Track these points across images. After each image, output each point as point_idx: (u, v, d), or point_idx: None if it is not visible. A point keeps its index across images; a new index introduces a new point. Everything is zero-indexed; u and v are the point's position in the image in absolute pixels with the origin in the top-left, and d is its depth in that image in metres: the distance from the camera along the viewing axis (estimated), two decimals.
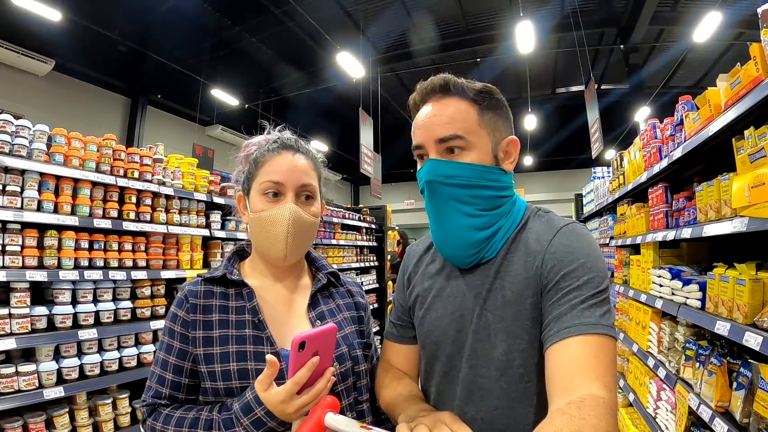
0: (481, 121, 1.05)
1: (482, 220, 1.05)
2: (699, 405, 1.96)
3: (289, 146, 1.23)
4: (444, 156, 1.05)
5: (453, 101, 1.05)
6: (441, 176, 1.03)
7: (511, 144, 1.10)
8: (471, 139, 1.03)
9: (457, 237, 1.06)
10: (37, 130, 2.83)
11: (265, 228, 1.16)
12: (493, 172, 1.06)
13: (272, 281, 1.25)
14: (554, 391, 0.84)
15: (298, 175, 1.19)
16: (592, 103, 8.43)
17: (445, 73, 1.08)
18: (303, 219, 1.17)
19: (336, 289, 1.34)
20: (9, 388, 2.45)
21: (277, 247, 1.16)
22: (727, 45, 10.82)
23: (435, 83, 1.07)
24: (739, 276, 1.77)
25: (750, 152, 1.67)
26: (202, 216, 3.88)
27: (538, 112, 13.28)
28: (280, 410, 0.98)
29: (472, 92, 1.06)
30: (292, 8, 9.06)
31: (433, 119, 1.05)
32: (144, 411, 1.13)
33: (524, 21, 7.49)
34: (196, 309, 1.15)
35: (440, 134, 1.03)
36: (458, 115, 1.04)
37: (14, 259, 2.59)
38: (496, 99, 1.09)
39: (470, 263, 1.07)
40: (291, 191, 1.17)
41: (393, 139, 15.69)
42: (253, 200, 1.21)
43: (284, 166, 1.19)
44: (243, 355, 1.11)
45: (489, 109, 1.07)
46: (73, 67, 9.27)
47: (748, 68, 1.69)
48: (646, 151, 3.00)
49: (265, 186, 1.18)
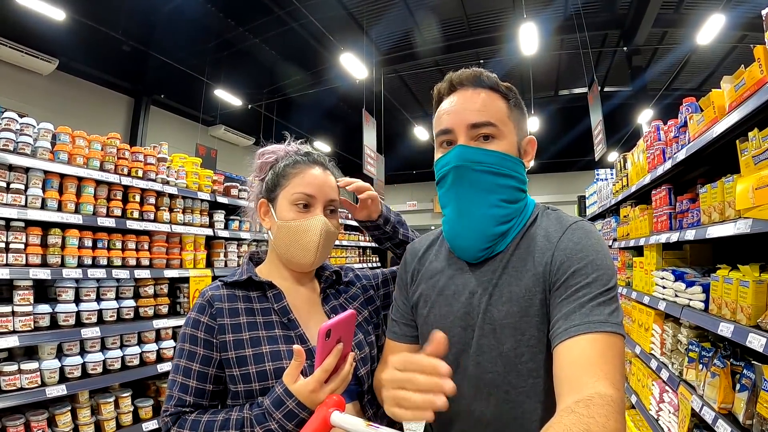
0: (510, 114, 1.09)
1: (504, 211, 1.06)
2: (702, 407, 1.96)
3: (321, 162, 1.31)
4: (473, 143, 1.06)
5: (485, 92, 1.08)
6: (471, 161, 1.04)
7: (530, 143, 1.14)
8: (502, 129, 1.06)
9: (477, 227, 1.06)
10: (42, 128, 2.84)
11: (295, 236, 1.21)
12: (518, 163, 1.09)
13: (292, 283, 1.28)
14: (562, 389, 0.84)
15: (328, 190, 1.26)
16: (595, 105, 8.43)
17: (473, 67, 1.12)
18: (331, 230, 1.25)
19: (338, 285, 1.38)
20: (11, 386, 2.45)
21: (307, 255, 1.22)
22: (730, 47, 10.81)
23: (467, 74, 1.10)
24: (742, 278, 1.77)
25: (754, 154, 1.66)
26: (206, 215, 3.89)
27: (541, 114, 13.26)
28: (311, 400, 1.00)
29: (503, 88, 1.10)
30: (296, 9, 9.08)
31: (465, 105, 1.06)
32: (168, 420, 1.11)
33: (527, 22, 7.50)
34: (223, 313, 1.16)
35: (473, 119, 1.04)
36: (491, 104, 1.06)
37: (18, 256, 2.60)
38: (520, 100, 1.13)
39: (481, 257, 1.07)
40: (321, 204, 1.24)
41: (396, 141, 15.73)
42: (280, 208, 1.24)
43: (317, 180, 1.25)
44: (277, 355, 1.13)
45: (516, 106, 1.11)
46: (76, 66, 9.31)
47: (752, 70, 1.69)
48: (650, 153, 3.00)
49: (297, 197, 1.22)
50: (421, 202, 19.28)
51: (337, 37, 9.70)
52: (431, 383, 0.77)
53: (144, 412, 3.13)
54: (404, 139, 15.76)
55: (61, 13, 7.00)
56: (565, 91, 14.86)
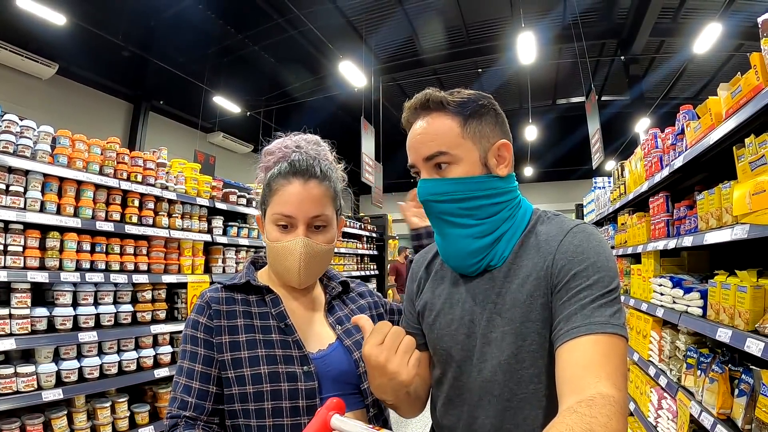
0: (464, 133, 1.04)
1: (481, 228, 1.05)
2: (701, 412, 1.96)
3: (301, 172, 1.19)
4: (433, 173, 1.06)
5: (434, 117, 1.06)
6: (432, 195, 1.05)
7: (502, 147, 1.08)
8: (455, 153, 1.04)
9: (456, 248, 1.06)
10: (42, 131, 2.85)
11: (279, 256, 1.18)
12: (483, 181, 1.05)
13: (287, 291, 1.26)
14: (564, 390, 0.84)
15: (309, 206, 1.16)
16: (593, 114, 8.47)
17: (429, 89, 1.08)
18: (315, 250, 1.18)
19: (347, 295, 1.36)
20: (7, 389, 2.44)
21: (291, 276, 1.18)
22: (727, 56, 10.89)
23: (417, 101, 1.08)
24: (740, 283, 1.78)
25: (751, 160, 1.68)
26: (204, 221, 3.89)
27: (539, 123, 13.31)
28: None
29: (452, 105, 1.05)
30: (296, 17, 9.13)
31: (418, 138, 1.06)
32: (166, 424, 1.09)
33: (525, 32, 7.56)
34: (220, 315, 1.15)
35: (425, 153, 1.05)
36: (440, 131, 1.04)
37: (16, 259, 2.59)
38: (480, 105, 1.07)
39: (475, 271, 1.07)
40: (302, 224, 1.16)
41: (394, 149, 15.75)
42: (267, 226, 1.21)
43: (294, 197, 1.16)
44: (273, 359, 1.11)
45: (473, 118, 1.05)
46: (76, 71, 9.31)
47: (749, 77, 1.71)
48: (648, 161, 3.02)
49: (275, 218, 1.17)
50: None
51: (336, 45, 9.74)
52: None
53: (140, 418, 3.11)
54: (402, 147, 15.52)
55: (61, 17, 7.04)
56: (562, 100, 14.95)
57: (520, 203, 1.12)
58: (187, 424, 1.07)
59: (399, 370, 0.91)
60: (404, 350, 0.93)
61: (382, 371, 0.92)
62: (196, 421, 1.08)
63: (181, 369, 1.13)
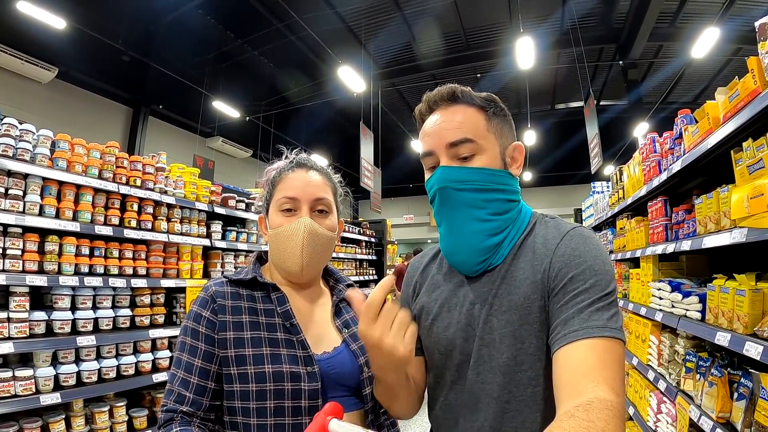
0: (489, 127, 1.07)
1: (494, 224, 1.05)
2: (700, 416, 1.95)
3: (303, 164, 1.28)
4: (454, 162, 1.06)
5: (461, 108, 1.07)
6: (453, 182, 1.04)
7: (516, 149, 1.11)
8: (481, 143, 1.05)
9: (468, 243, 1.06)
10: (41, 135, 2.85)
11: (282, 242, 1.19)
12: (502, 175, 1.07)
13: (292, 290, 1.26)
14: (562, 394, 0.84)
15: (312, 189, 1.23)
16: (592, 119, 8.50)
17: (444, 86, 1.10)
18: (318, 231, 1.20)
19: None
20: (5, 393, 2.43)
21: (293, 261, 1.18)
22: (725, 60, 10.95)
23: (442, 92, 1.09)
24: (739, 287, 1.77)
25: (749, 164, 1.68)
26: (203, 226, 3.89)
27: (537, 128, 13.35)
28: None
29: (479, 99, 1.08)
30: (295, 22, 9.16)
31: (442, 125, 1.06)
32: (161, 417, 1.08)
33: (524, 37, 7.58)
34: (225, 310, 1.14)
35: (450, 138, 1.04)
36: (467, 120, 1.05)
37: (14, 262, 2.59)
38: (500, 107, 1.11)
39: (478, 270, 1.07)
40: (306, 205, 1.21)
41: (393, 154, 15.78)
42: (271, 218, 1.23)
43: (298, 182, 1.23)
44: (278, 358, 1.11)
45: (495, 116, 1.09)
46: (76, 75, 9.34)
47: (746, 81, 1.72)
48: (646, 165, 3.02)
49: (281, 202, 1.21)
50: (418, 215, 19.26)
51: (335, 51, 9.77)
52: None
53: (139, 422, 3.10)
54: (401, 152, 15.84)
55: (61, 21, 7.06)
56: (561, 105, 15.00)
57: (522, 206, 1.13)
58: (183, 420, 1.06)
59: (395, 344, 0.90)
60: (399, 325, 0.92)
61: (379, 349, 0.91)
62: (192, 417, 1.08)
63: (179, 361, 1.12)
